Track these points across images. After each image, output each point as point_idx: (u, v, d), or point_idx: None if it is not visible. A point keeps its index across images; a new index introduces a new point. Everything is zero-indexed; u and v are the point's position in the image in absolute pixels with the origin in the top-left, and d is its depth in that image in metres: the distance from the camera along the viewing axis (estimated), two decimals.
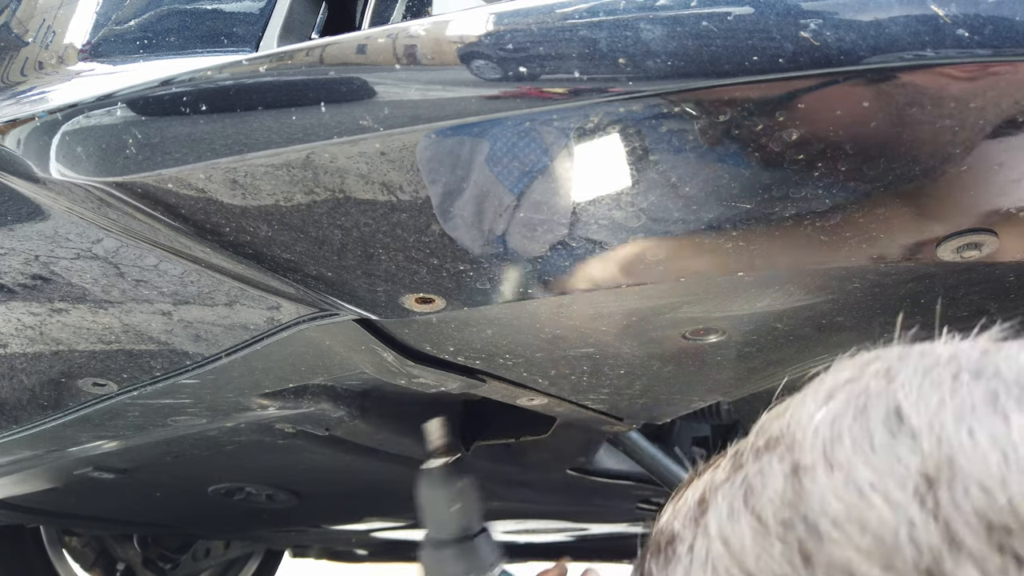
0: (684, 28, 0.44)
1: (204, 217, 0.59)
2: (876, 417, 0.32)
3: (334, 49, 0.49)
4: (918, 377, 0.33)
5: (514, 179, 0.53)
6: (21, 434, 1.03)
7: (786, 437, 0.34)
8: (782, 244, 0.57)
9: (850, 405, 0.33)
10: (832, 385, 0.35)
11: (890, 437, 0.30)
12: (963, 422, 0.29)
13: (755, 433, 0.38)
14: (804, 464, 0.32)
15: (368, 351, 0.77)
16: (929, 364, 0.33)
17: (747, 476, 0.34)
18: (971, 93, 0.45)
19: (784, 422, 0.36)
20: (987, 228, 0.55)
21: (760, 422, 0.38)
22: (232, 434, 1.06)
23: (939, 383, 0.32)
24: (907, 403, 0.31)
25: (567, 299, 0.64)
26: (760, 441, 0.36)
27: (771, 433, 0.36)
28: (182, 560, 2.35)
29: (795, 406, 0.36)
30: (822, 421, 0.33)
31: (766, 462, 0.34)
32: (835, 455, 0.31)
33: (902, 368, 0.34)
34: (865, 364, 0.36)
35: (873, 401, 0.32)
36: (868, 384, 0.34)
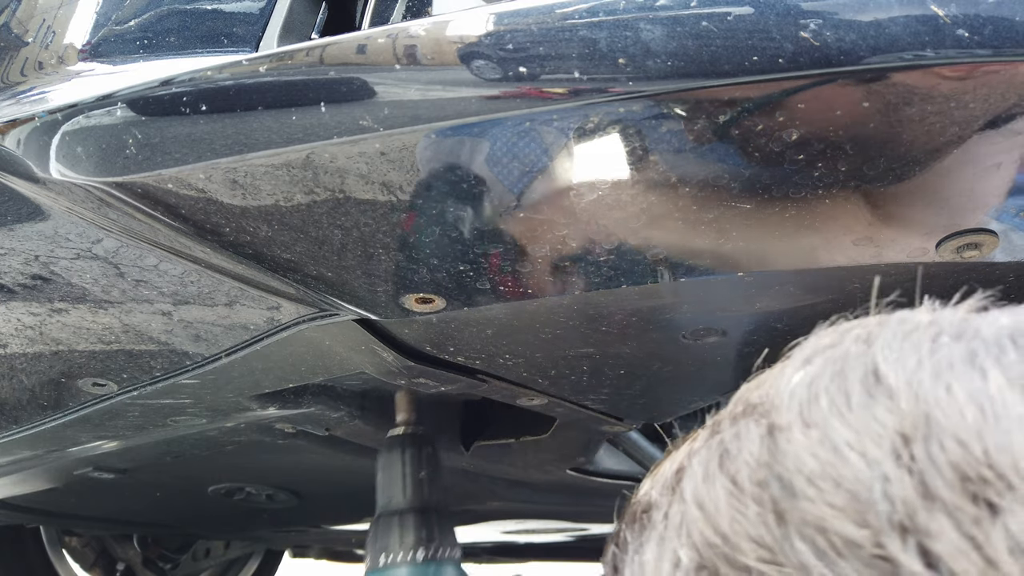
0: (684, 28, 0.44)
1: (204, 217, 0.59)
2: (854, 378, 0.31)
3: (334, 49, 0.49)
4: (898, 340, 0.32)
5: (514, 179, 0.53)
6: (21, 434, 1.03)
7: (764, 403, 0.34)
8: (782, 244, 0.57)
9: (827, 367, 0.33)
10: (811, 351, 0.36)
11: (867, 396, 0.30)
12: (940, 379, 0.29)
13: (733, 402, 0.37)
14: (780, 424, 0.32)
15: (368, 351, 0.77)
16: (909, 328, 0.33)
17: (723, 440, 0.34)
18: (971, 93, 0.45)
19: (763, 391, 0.36)
20: (987, 228, 0.55)
21: (739, 392, 0.38)
22: (232, 434, 1.06)
23: (918, 345, 0.32)
24: (885, 364, 0.31)
25: (567, 299, 0.64)
26: (738, 408, 0.36)
27: (749, 400, 0.36)
28: (182, 560, 2.35)
29: (774, 374, 0.36)
30: (799, 383, 0.33)
31: (743, 426, 0.34)
32: (811, 415, 0.31)
33: (882, 332, 0.34)
34: (845, 331, 0.36)
35: (851, 363, 0.32)
36: (847, 348, 0.34)
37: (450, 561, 0.90)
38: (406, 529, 0.89)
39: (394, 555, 0.87)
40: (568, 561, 2.63)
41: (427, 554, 0.87)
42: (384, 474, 0.95)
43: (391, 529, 0.89)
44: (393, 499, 0.92)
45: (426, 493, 0.93)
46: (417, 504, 0.92)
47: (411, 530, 0.89)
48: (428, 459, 0.95)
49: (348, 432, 1.05)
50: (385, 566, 0.87)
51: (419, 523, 0.90)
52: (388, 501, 0.93)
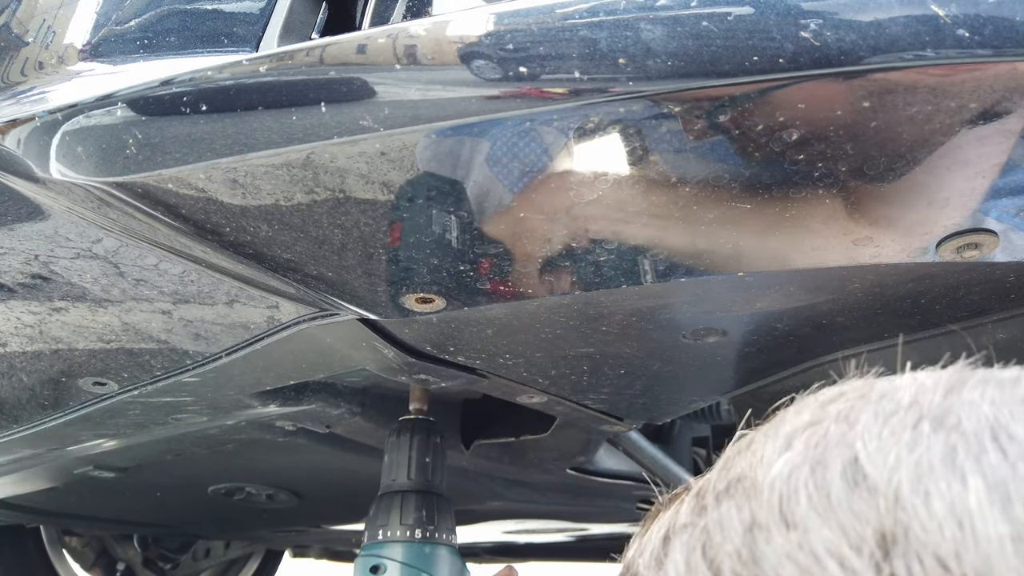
0: (684, 28, 0.44)
1: (204, 217, 0.59)
2: (834, 469, 0.31)
3: (334, 49, 0.49)
4: (878, 424, 0.32)
5: (514, 179, 0.53)
6: (21, 433, 1.03)
7: (745, 481, 0.34)
8: (782, 244, 0.57)
9: (808, 455, 0.32)
10: (792, 429, 0.35)
11: (848, 491, 0.30)
12: (920, 483, 0.28)
13: (719, 470, 0.37)
14: (760, 521, 0.31)
15: (369, 348, 0.77)
16: (890, 409, 0.32)
17: (707, 525, 0.34)
18: (971, 93, 0.45)
19: (746, 462, 0.35)
20: (987, 228, 0.55)
21: (725, 456, 0.37)
22: (233, 432, 1.06)
23: (899, 433, 0.31)
24: (864, 454, 0.31)
25: (567, 299, 0.64)
26: (722, 483, 0.35)
27: (733, 473, 0.35)
28: (182, 560, 2.35)
29: (758, 443, 0.35)
30: (778, 475, 0.32)
31: (725, 510, 0.33)
32: (791, 512, 0.30)
33: (863, 412, 0.33)
34: (826, 403, 0.35)
35: (832, 451, 0.32)
36: (828, 429, 0.33)
37: (446, 544, 0.91)
38: (406, 509, 0.90)
39: (391, 532, 0.88)
40: (568, 561, 2.63)
41: (424, 535, 0.88)
42: (391, 455, 0.96)
43: (392, 507, 0.91)
44: (397, 479, 0.94)
45: (429, 477, 0.94)
46: (419, 486, 0.93)
47: (411, 510, 0.90)
48: (435, 446, 0.96)
49: (348, 429, 1.05)
50: (381, 541, 0.88)
51: (419, 504, 0.91)
52: (392, 481, 0.94)
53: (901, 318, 0.70)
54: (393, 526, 0.88)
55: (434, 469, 0.95)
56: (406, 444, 0.95)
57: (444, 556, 0.89)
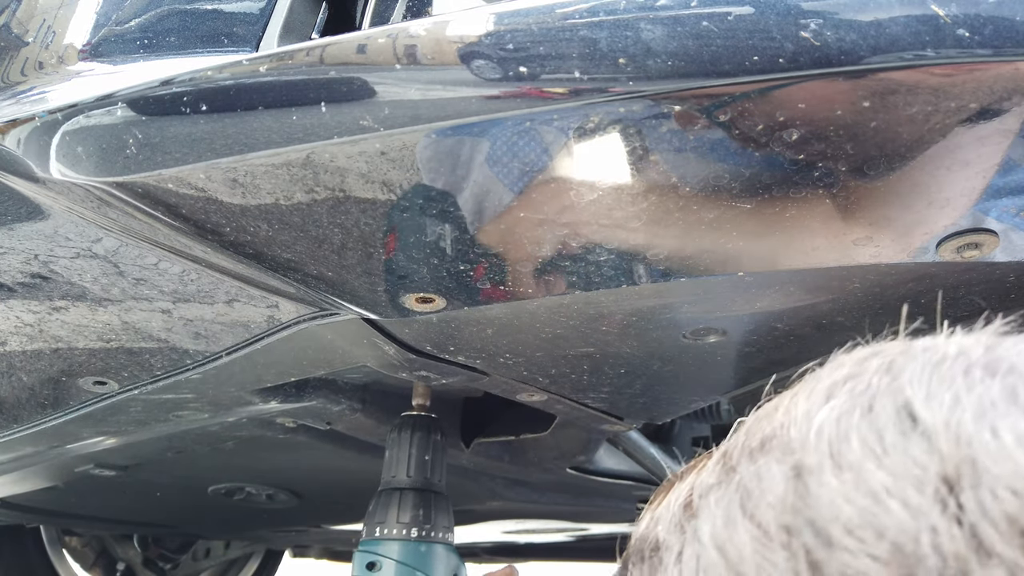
0: (684, 28, 0.44)
1: (204, 217, 0.59)
2: (885, 415, 0.29)
3: (334, 49, 0.49)
4: (926, 373, 0.30)
5: (514, 179, 0.53)
6: (21, 433, 1.03)
7: (781, 437, 0.32)
8: (782, 244, 0.57)
9: (855, 403, 0.31)
10: (830, 382, 0.33)
11: (902, 437, 0.28)
12: (984, 420, 0.27)
13: (744, 433, 0.35)
14: (808, 465, 0.29)
15: (370, 345, 0.77)
16: (936, 359, 0.31)
17: (742, 479, 0.32)
18: (972, 93, 0.45)
19: (777, 421, 0.33)
20: (987, 228, 0.55)
21: (748, 422, 0.36)
22: (234, 428, 1.06)
23: (950, 379, 0.29)
24: (918, 400, 0.29)
25: (567, 299, 0.64)
26: (752, 441, 0.33)
27: (764, 432, 0.33)
28: (182, 560, 2.35)
29: (787, 404, 0.34)
30: (825, 420, 0.30)
31: (763, 464, 0.31)
32: (843, 456, 0.29)
33: (907, 364, 0.31)
34: (864, 360, 0.34)
35: (880, 399, 0.30)
36: (871, 381, 0.31)
37: (443, 543, 0.91)
38: (404, 507, 0.90)
39: (388, 529, 0.88)
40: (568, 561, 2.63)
41: (420, 533, 0.88)
42: (391, 451, 0.96)
43: (390, 504, 0.91)
44: (396, 476, 0.94)
45: (428, 475, 0.94)
46: (418, 484, 0.93)
47: (408, 508, 0.90)
48: (435, 444, 0.96)
49: (349, 425, 1.05)
50: (378, 538, 0.88)
51: (417, 503, 0.91)
52: (391, 477, 0.94)
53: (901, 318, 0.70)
54: (390, 524, 0.89)
55: (433, 467, 0.95)
56: (407, 440, 0.95)
57: (440, 554, 0.90)
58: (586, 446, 1.22)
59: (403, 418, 0.98)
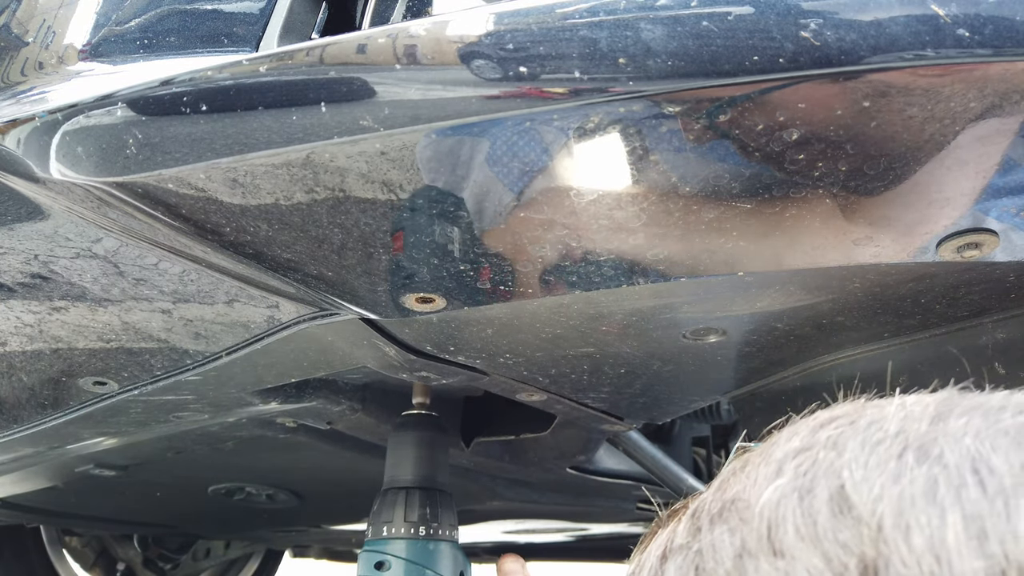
0: (684, 28, 0.44)
1: (204, 217, 0.59)
2: (821, 497, 0.32)
3: (334, 49, 0.49)
4: (864, 453, 0.33)
5: (514, 179, 0.53)
6: (21, 433, 1.03)
7: (739, 503, 0.35)
8: (782, 244, 0.57)
9: (796, 483, 0.33)
10: (783, 455, 0.36)
11: (833, 519, 0.30)
12: (901, 516, 0.29)
13: (715, 489, 0.38)
14: (749, 548, 0.32)
15: (370, 346, 0.77)
16: (877, 438, 0.33)
17: (701, 548, 0.35)
18: (972, 93, 0.45)
19: (740, 484, 0.36)
20: (987, 228, 0.55)
21: (722, 475, 0.38)
22: (234, 429, 1.06)
23: (884, 463, 0.32)
24: (851, 483, 0.31)
25: (567, 299, 0.64)
26: (716, 505, 0.36)
27: (728, 495, 0.36)
28: (182, 560, 2.35)
29: (752, 465, 0.36)
30: (767, 502, 0.33)
31: (718, 535, 0.34)
32: (779, 541, 0.31)
33: (851, 439, 0.34)
34: (817, 429, 0.36)
35: (819, 479, 0.32)
36: (817, 456, 0.34)
37: (449, 540, 0.91)
38: (410, 505, 0.90)
39: (395, 528, 0.88)
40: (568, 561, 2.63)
41: (427, 531, 0.89)
42: (393, 451, 0.96)
43: (395, 503, 0.91)
44: (400, 475, 0.94)
45: (432, 473, 0.94)
46: (422, 482, 0.93)
47: (415, 507, 0.90)
48: (438, 442, 0.96)
49: (349, 426, 1.05)
50: (385, 537, 0.88)
51: (422, 501, 0.91)
52: (395, 476, 0.94)
53: (901, 318, 0.70)
54: (397, 522, 0.89)
55: (437, 465, 0.94)
56: (409, 439, 0.95)
57: (447, 552, 0.90)
58: (586, 446, 1.22)
59: (405, 417, 0.97)
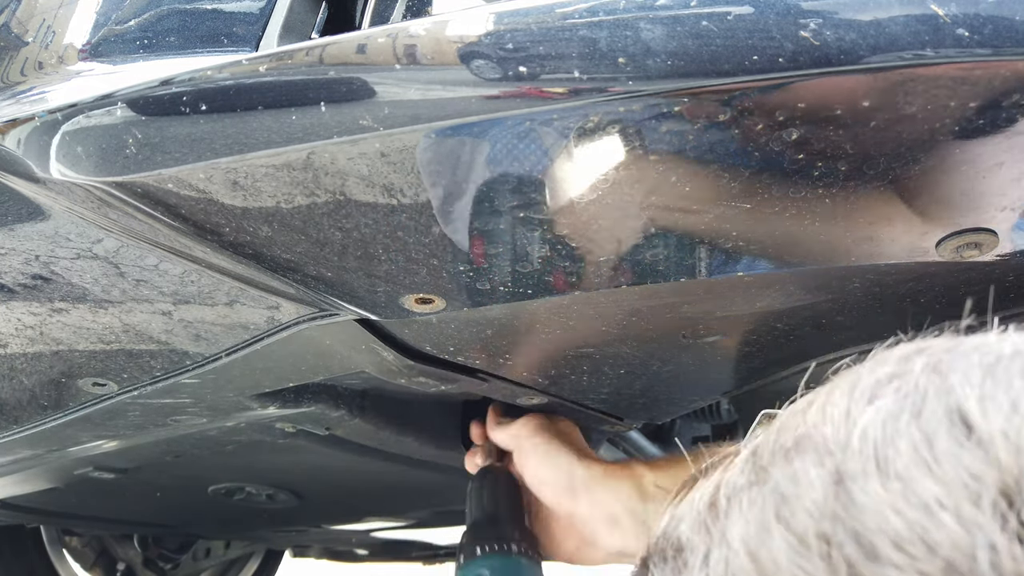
0: (684, 28, 0.44)
1: (204, 217, 0.59)
2: (935, 421, 0.27)
3: (334, 49, 0.49)
4: (979, 374, 0.28)
5: (514, 179, 0.53)
6: (21, 434, 1.03)
7: (818, 438, 0.30)
8: (782, 244, 0.57)
9: (902, 405, 0.28)
10: (873, 380, 0.31)
11: (956, 445, 0.26)
12: None
13: (776, 431, 0.32)
14: (851, 471, 0.27)
15: (368, 351, 0.77)
16: (989, 360, 0.29)
17: (777, 482, 0.30)
18: (971, 93, 0.45)
19: (811, 420, 0.31)
20: (987, 228, 0.55)
21: (779, 418, 0.33)
22: (232, 433, 1.06)
23: (1007, 382, 0.27)
24: (971, 405, 0.27)
25: (567, 299, 0.64)
26: (786, 440, 0.31)
27: (798, 431, 0.31)
28: (182, 560, 2.35)
29: (822, 402, 0.32)
30: (870, 423, 0.28)
31: (799, 467, 0.29)
32: (890, 463, 0.27)
33: (956, 363, 0.29)
34: (908, 357, 0.31)
35: (930, 402, 0.28)
36: (918, 381, 0.29)
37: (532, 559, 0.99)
38: (499, 527, 0.99)
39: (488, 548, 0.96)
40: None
41: (518, 549, 0.96)
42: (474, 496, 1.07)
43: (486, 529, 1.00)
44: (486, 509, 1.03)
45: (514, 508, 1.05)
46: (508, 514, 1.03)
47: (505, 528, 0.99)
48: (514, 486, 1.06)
49: (348, 431, 1.05)
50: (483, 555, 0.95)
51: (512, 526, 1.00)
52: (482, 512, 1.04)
53: (901, 318, 0.70)
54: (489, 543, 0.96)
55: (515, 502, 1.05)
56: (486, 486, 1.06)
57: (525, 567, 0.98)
58: None
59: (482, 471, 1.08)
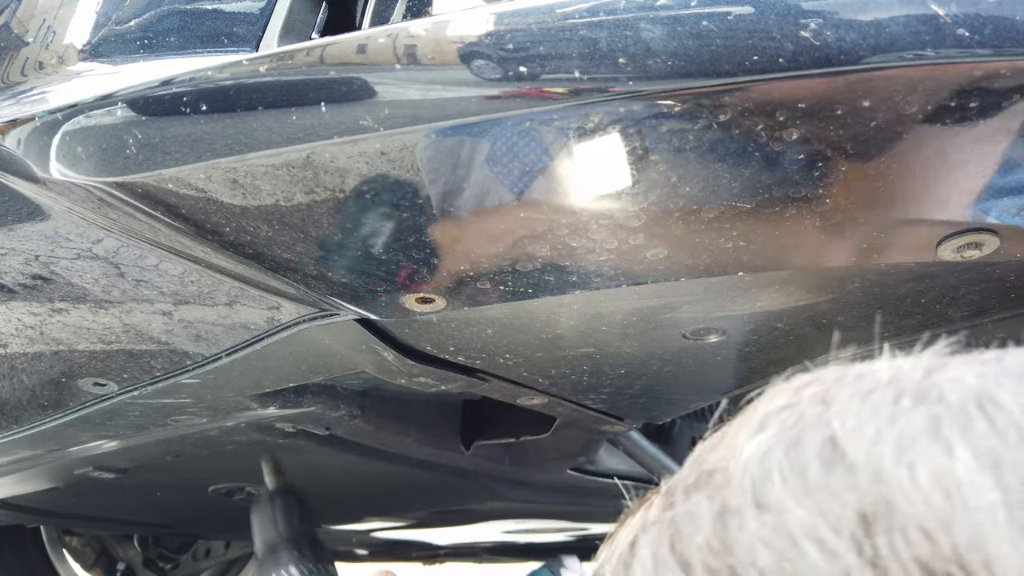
0: (684, 28, 0.44)
1: (204, 217, 0.59)
2: (810, 448, 0.29)
3: (334, 49, 0.49)
4: (856, 402, 0.30)
5: (514, 179, 0.53)
6: (22, 434, 1.03)
7: (718, 473, 0.31)
8: (782, 244, 0.57)
9: (783, 436, 0.30)
10: (765, 413, 0.32)
11: (825, 471, 0.28)
12: (903, 456, 0.26)
13: (689, 466, 0.34)
14: (732, 506, 0.29)
15: (369, 350, 0.77)
16: (867, 388, 0.30)
17: (675, 518, 0.31)
18: (971, 93, 0.45)
19: (718, 455, 0.33)
20: (987, 228, 0.55)
21: (695, 454, 0.35)
22: (232, 433, 1.06)
23: (877, 409, 0.29)
24: (843, 431, 0.28)
25: (567, 299, 0.64)
26: (692, 477, 0.33)
27: (704, 467, 0.33)
28: (182, 560, 2.35)
29: (730, 435, 0.33)
30: (751, 456, 0.30)
31: (695, 502, 0.31)
32: (765, 495, 0.28)
33: (839, 393, 0.31)
34: (801, 388, 0.33)
35: (808, 431, 0.29)
36: (803, 411, 0.31)
37: None
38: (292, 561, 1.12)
39: None
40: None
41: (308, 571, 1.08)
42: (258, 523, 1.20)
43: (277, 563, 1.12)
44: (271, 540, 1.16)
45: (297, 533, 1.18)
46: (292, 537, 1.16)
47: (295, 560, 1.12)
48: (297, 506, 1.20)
49: (348, 431, 1.05)
50: None
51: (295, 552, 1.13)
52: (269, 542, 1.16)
53: (901, 318, 0.70)
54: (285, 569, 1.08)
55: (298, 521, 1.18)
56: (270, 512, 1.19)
57: None
58: (586, 447, 1.22)
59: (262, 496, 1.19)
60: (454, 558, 2.39)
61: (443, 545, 2.40)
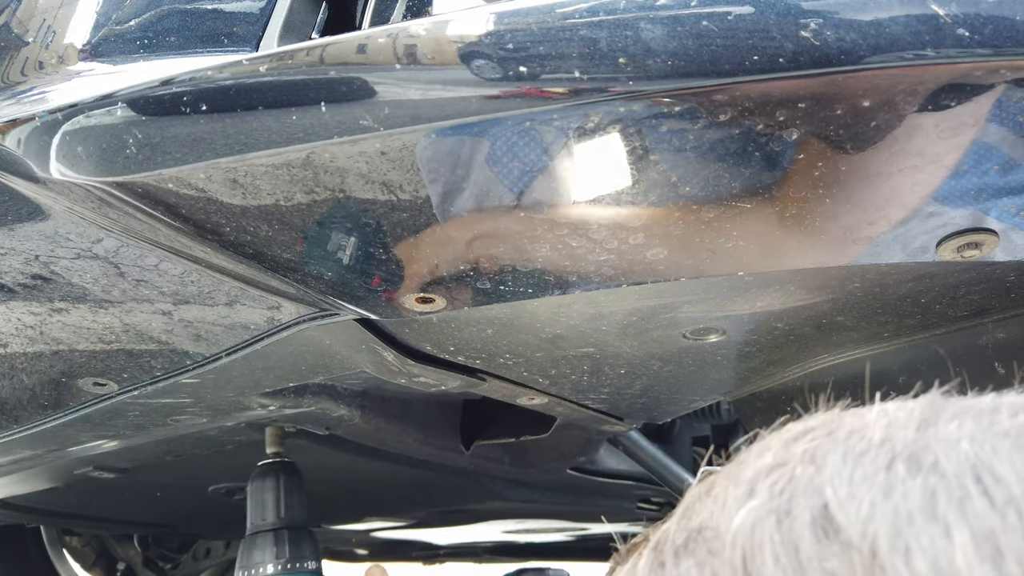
0: (684, 28, 0.44)
1: (204, 217, 0.59)
2: (802, 520, 0.28)
3: (334, 49, 0.49)
4: (848, 466, 0.29)
5: (514, 178, 0.53)
6: (21, 434, 1.03)
7: (707, 532, 0.31)
8: (783, 243, 0.57)
9: (773, 504, 0.29)
10: (754, 473, 0.31)
11: (817, 545, 0.27)
12: (899, 538, 0.26)
13: (678, 518, 0.34)
14: None
15: (369, 350, 0.77)
16: (860, 449, 0.29)
17: None
18: (971, 93, 0.45)
19: (707, 510, 0.32)
20: (987, 228, 0.55)
21: (685, 502, 0.34)
22: (232, 433, 1.06)
23: (872, 476, 0.28)
24: (835, 501, 0.28)
25: (567, 299, 0.64)
26: (680, 536, 0.32)
27: (693, 524, 0.32)
28: (182, 560, 2.35)
29: (719, 487, 0.32)
30: (740, 528, 0.29)
31: (685, 570, 0.30)
32: (757, 572, 0.27)
33: (830, 451, 0.30)
34: (791, 442, 0.32)
35: (798, 499, 0.29)
36: (794, 472, 0.30)
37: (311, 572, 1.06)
38: (279, 545, 1.05)
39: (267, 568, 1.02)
40: (568, 561, 2.63)
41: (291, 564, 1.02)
42: (254, 498, 1.10)
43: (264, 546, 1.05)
44: (263, 519, 1.08)
45: (291, 514, 1.09)
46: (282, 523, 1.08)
47: (283, 545, 1.05)
48: (296, 485, 1.10)
49: (348, 431, 1.05)
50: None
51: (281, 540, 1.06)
52: (261, 521, 1.08)
53: (901, 317, 0.70)
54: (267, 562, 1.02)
55: (297, 505, 1.09)
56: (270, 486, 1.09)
57: None
58: (586, 447, 1.22)
59: (261, 467, 1.09)
60: (454, 558, 2.39)
61: (443, 545, 2.40)
